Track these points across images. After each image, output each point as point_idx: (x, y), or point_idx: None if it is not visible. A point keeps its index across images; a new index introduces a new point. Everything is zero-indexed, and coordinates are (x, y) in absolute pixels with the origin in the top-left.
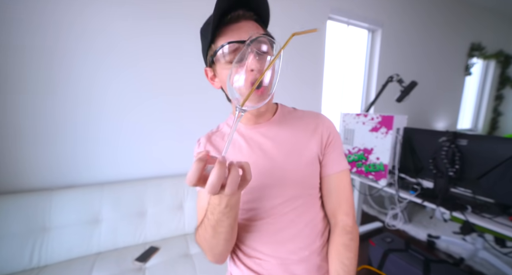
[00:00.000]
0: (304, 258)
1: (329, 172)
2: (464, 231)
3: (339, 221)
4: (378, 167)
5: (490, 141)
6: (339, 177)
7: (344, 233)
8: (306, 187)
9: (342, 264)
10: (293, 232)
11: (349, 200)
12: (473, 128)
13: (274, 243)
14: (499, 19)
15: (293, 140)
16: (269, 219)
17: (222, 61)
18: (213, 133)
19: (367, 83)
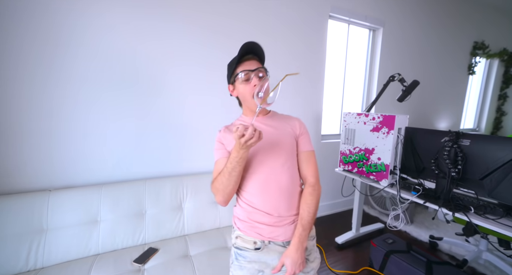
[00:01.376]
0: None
1: (303, 149)
2: (467, 233)
3: (308, 181)
4: (379, 167)
5: (494, 141)
6: (309, 154)
7: (310, 186)
8: (289, 154)
9: (306, 204)
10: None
11: (314, 169)
12: (476, 128)
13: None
14: (502, 17)
15: (282, 126)
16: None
17: (239, 81)
18: (229, 125)
19: (368, 82)
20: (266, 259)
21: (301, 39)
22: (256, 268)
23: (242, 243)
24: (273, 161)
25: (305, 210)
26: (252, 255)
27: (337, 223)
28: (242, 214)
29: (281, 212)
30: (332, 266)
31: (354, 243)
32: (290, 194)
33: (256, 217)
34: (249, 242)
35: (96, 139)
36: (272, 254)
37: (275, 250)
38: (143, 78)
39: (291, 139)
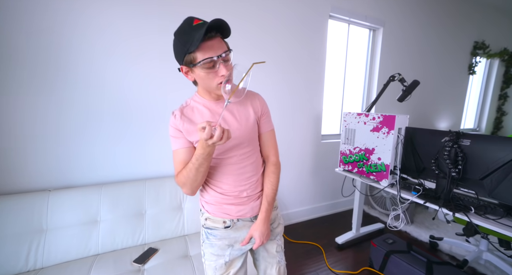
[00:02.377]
0: (252, 182)
1: (264, 131)
2: (468, 233)
3: (270, 160)
4: (379, 167)
5: (494, 141)
6: (269, 134)
7: (272, 165)
8: (253, 141)
9: (270, 182)
10: (246, 168)
11: (276, 147)
12: (477, 128)
13: (234, 175)
14: (503, 17)
15: (243, 112)
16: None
17: (200, 68)
18: (183, 107)
19: (369, 82)
20: (235, 235)
21: (301, 39)
22: (226, 244)
23: (212, 223)
24: (239, 149)
25: (269, 187)
26: (222, 232)
27: (337, 223)
28: (210, 199)
29: (249, 192)
30: (332, 266)
31: (354, 243)
32: (256, 175)
33: (224, 200)
34: (218, 222)
35: (96, 139)
36: (241, 229)
37: (243, 225)
38: (143, 78)
39: (253, 125)
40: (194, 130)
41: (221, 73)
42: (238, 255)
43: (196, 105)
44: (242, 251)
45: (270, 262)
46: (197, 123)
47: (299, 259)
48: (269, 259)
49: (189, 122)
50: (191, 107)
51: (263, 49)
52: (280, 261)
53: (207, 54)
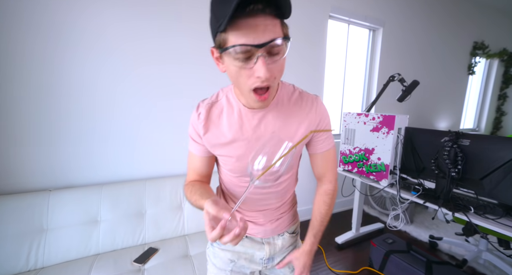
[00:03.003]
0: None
1: (316, 151)
2: (467, 232)
3: (324, 185)
4: (379, 167)
5: (493, 141)
6: (325, 155)
7: (325, 194)
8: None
9: (319, 214)
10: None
11: (333, 170)
12: (476, 128)
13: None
14: (502, 17)
15: (283, 128)
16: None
17: (231, 57)
18: (213, 103)
19: (368, 82)
20: (239, 249)
21: (301, 39)
22: (228, 257)
23: None
24: None
25: (318, 219)
26: None
27: (337, 223)
28: None
29: (266, 216)
30: (332, 266)
31: (354, 243)
32: (280, 202)
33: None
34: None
35: (96, 139)
36: (247, 245)
37: (250, 242)
38: (143, 78)
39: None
40: (220, 142)
41: (257, 73)
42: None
43: (227, 107)
44: (247, 270)
45: None
46: (223, 132)
47: None
48: None
49: (213, 130)
50: (221, 106)
51: None
52: None
53: (241, 38)
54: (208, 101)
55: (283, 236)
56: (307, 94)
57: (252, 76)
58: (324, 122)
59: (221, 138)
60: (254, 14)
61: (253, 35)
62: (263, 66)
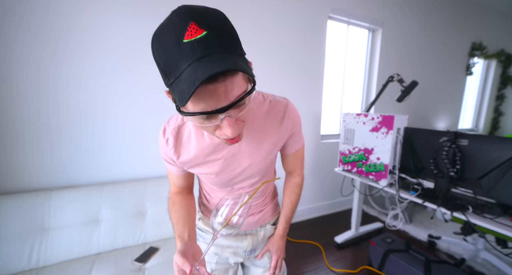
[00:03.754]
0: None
1: (288, 152)
2: (465, 232)
3: (293, 178)
4: (378, 167)
5: (491, 141)
6: (294, 154)
7: (295, 186)
8: (267, 173)
9: (290, 202)
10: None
11: (302, 165)
12: (474, 128)
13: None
14: (500, 18)
15: (258, 140)
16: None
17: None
18: (179, 127)
19: (368, 83)
20: (223, 243)
21: (301, 40)
22: (213, 251)
23: (203, 225)
24: (246, 184)
25: (289, 208)
26: (211, 237)
27: (336, 222)
28: (206, 203)
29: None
30: (331, 265)
31: (354, 242)
32: (259, 199)
33: None
34: (209, 225)
35: (97, 138)
36: (231, 240)
37: (234, 236)
38: (144, 78)
39: (272, 156)
40: (196, 163)
41: (225, 132)
42: (225, 266)
43: (195, 130)
44: (230, 261)
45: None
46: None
47: (298, 259)
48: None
49: (185, 154)
50: (188, 129)
51: (262, 50)
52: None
53: (201, 105)
54: (174, 125)
55: (265, 227)
56: (276, 101)
57: (218, 129)
58: (296, 127)
59: (194, 160)
60: (214, 81)
61: (214, 101)
62: (229, 127)
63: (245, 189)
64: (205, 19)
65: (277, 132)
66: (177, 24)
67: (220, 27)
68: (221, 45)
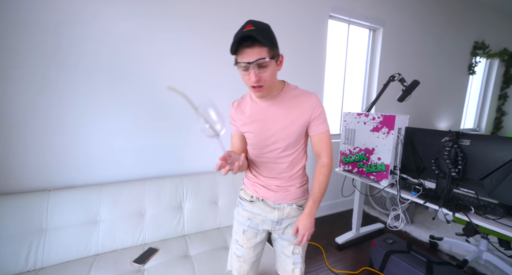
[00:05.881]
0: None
1: (312, 133)
2: (468, 233)
3: (321, 160)
4: (379, 167)
5: (494, 141)
6: (320, 136)
7: (322, 166)
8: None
9: (317, 183)
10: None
11: (328, 149)
12: (477, 128)
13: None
14: (502, 17)
15: (285, 111)
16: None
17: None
18: (241, 100)
19: (369, 82)
20: (256, 211)
21: (302, 39)
22: (246, 216)
23: (243, 194)
24: (273, 150)
25: (317, 187)
26: (247, 205)
27: (337, 223)
28: (248, 174)
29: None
30: (332, 266)
31: (354, 243)
32: (289, 172)
33: (257, 181)
34: (247, 195)
35: (96, 139)
36: (262, 207)
37: (264, 206)
38: (144, 78)
39: (294, 129)
40: (245, 122)
41: (251, 79)
42: (255, 231)
43: (249, 99)
44: (259, 228)
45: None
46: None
47: None
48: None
49: (241, 114)
50: (245, 101)
51: None
52: (295, 263)
53: (241, 58)
54: (239, 100)
55: (291, 206)
56: (305, 90)
57: (249, 80)
58: (317, 111)
59: (245, 119)
60: (247, 46)
61: (246, 57)
62: (253, 75)
63: (274, 153)
64: (256, 23)
65: (300, 109)
66: (243, 25)
67: (263, 27)
68: (260, 34)
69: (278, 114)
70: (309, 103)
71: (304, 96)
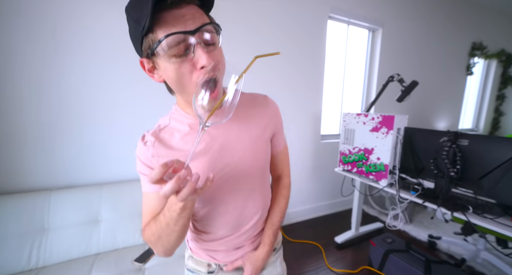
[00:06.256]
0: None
1: (276, 151)
2: (466, 232)
3: (282, 181)
4: (378, 167)
5: (492, 141)
6: (284, 152)
7: (284, 188)
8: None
9: (278, 208)
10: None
11: (288, 166)
12: (475, 128)
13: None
14: (500, 18)
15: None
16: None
17: (166, 56)
18: (160, 130)
19: (368, 83)
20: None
21: (301, 40)
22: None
23: (194, 265)
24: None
25: (277, 215)
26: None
27: (336, 222)
28: (195, 236)
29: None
30: (331, 266)
31: (354, 242)
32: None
33: (212, 247)
34: (201, 264)
35: (97, 139)
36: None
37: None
38: (144, 79)
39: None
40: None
41: (200, 62)
42: None
43: (178, 126)
44: None
45: None
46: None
47: (298, 259)
48: None
49: (166, 152)
50: (171, 129)
51: (263, 49)
52: None
53: (171, 29)
54: (155, 129)
55: None
56: (254, 94)
57: (195, 70)
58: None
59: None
60: (177, 6)
61: (182, 24)
62: (204, 53)
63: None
64: None
65: (264, 116)
66: None
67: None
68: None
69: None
70: (268, 111)
71: (258, 99)
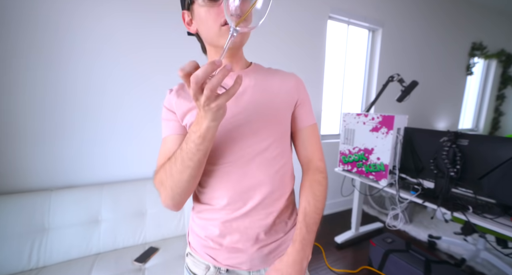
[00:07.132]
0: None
1: (302, 125)
2: (465, 232)
3: (314, 165)
4: (378, 167)
5: (492, 141)
6: (311, 129)
7: (318, 172)
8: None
9: (313, 194)
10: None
11: (321, 149)
12: (475, 128)
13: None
14: (500, 18)
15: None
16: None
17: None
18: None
19: (368, 83)
20: None
21: (301, 40)
22: None
23: (192, 264)
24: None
25: (312, 204)
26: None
27: (336, 222)
28: (197, 223)
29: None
30: (331, 265)
31: (354, 242)
32: (270, 195)
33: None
34: (199, 266)
35: (98, 139)
36: None
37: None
38: (142, 77)
39: (285, 110)
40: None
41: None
42: None
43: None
44: None
45: None
46: None
47: None
48: None
49: (188, 99)
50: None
51: (262, 49)
52: None
53: None
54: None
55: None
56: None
57: (221, 13)
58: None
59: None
60: None
61: None
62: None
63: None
64: None
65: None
66: None
67: None
68: None
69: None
70: (293, 80)
71: (283, 72)
